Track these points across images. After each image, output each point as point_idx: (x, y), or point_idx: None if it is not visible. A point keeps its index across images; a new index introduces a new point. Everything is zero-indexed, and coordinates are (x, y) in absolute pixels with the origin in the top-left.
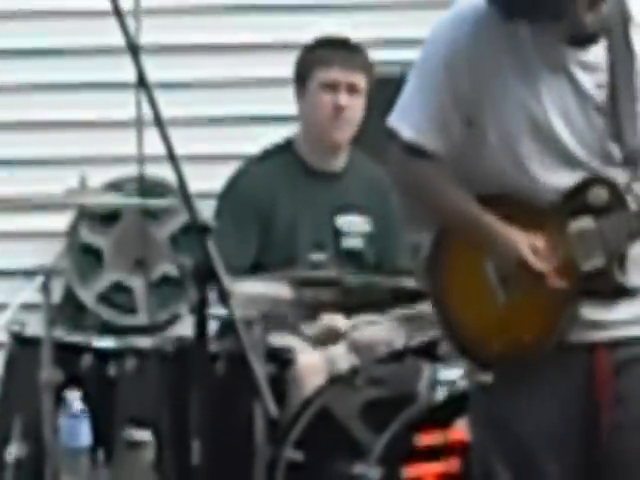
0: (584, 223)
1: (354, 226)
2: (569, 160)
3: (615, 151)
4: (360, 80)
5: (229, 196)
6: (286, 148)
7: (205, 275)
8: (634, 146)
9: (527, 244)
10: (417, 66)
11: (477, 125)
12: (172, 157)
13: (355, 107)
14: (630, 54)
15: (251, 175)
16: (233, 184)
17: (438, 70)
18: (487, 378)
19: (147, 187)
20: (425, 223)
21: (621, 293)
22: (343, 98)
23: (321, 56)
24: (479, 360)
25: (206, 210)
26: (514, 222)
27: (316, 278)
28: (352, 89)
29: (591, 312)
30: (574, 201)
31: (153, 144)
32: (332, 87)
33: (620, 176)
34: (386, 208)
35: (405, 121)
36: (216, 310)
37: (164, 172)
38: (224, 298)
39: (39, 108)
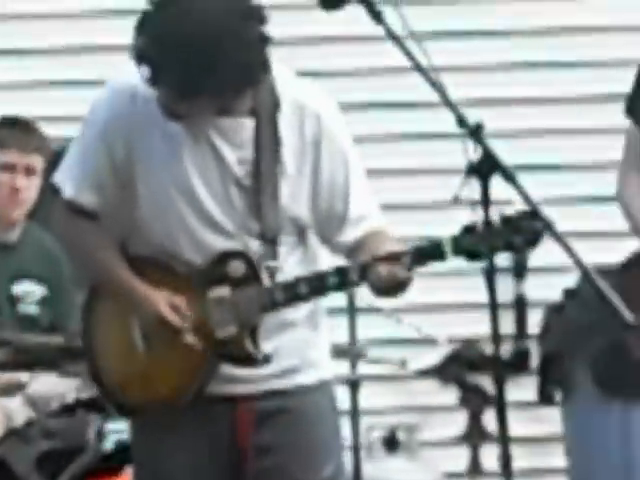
0: (221, 292)
1: (29, 293)
2: (216, 228)
3: (255, 226)
4: (36, 161)
5: None
6: None
7: None
8: (272, 224)
9: (166, 302)
10: (79, 133)
11: (131, 190)
12: None
13: (31, 187)
14: (276, 137)
15: None
16: None
17: (97, 137)
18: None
19: None
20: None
21: (251, 362)
22: (20, 180)
23: None
24: (122, 408)
25: None
26: (162, 284)
27: None
28: (29, 171)
29: (233, 367)
30: (215, 270)
31: None
32: (9, 168)
33: (258, 250)
34: (58, 275)
35: (67, 180)
36: None
37: None
38: None
39: None
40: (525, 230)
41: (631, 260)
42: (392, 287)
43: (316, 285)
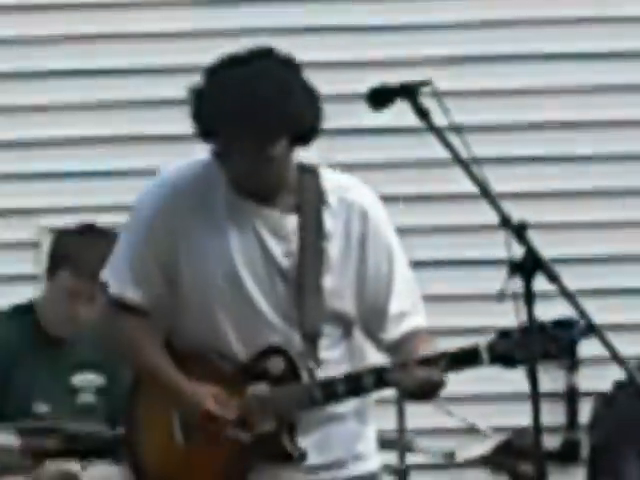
0: (260, 388)
1: (88, 383)
2: (261, 319)
3: (297, 319)
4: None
5: None
6: (27, 311)
7: None
8: (313, 319)
9: (212, 396)
10: (126, 226)
11: (176, 285)
12: None
13: (93, 309)
14: (321, 232)
15: None
16: None
17: (141, 230)
18: None
19: None
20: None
21: (288, 458)
22: (83, 308)
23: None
24: None
25: None
26: (205, 379)
27: (37, 427)
28: (93, 298)
29: (268, 462)
30: (255, 366)
31: None
32: (74, 295)
33: (299, 345)
34: (115, 364)
35: (113, 275)
36: None
37: None
38: None
39: None
40: (560, 338)
41: None
42: (425, 391)
43: (353, 386)
